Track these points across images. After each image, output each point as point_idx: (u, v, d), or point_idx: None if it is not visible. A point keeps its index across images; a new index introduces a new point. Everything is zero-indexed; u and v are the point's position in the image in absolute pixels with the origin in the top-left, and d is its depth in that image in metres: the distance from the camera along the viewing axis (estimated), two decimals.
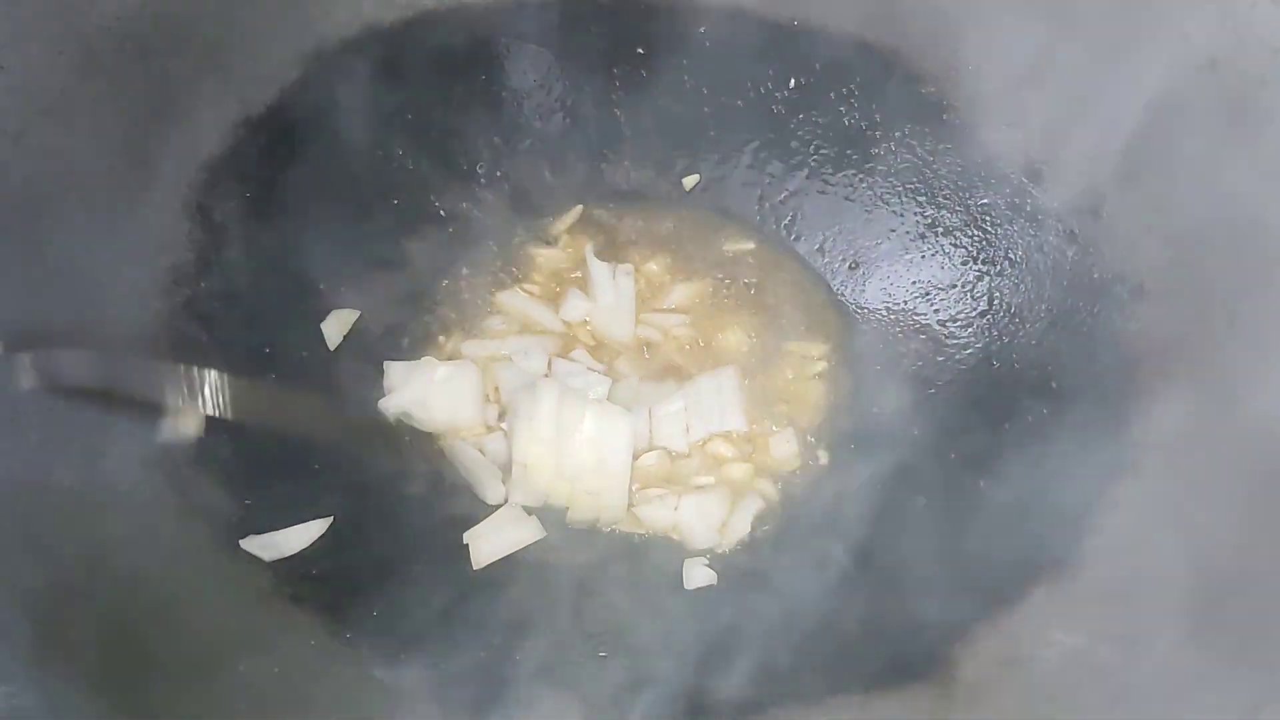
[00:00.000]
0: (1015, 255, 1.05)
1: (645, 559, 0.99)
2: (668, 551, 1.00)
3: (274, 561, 0.88)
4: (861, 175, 1.14)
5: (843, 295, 1.14)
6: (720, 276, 1.16)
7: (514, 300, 1.14)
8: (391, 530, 0.98)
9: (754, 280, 1.17)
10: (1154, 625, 0.78)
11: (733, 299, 1.15)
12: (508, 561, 0.97)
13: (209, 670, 0.80)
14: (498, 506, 1.01)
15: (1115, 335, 0.95)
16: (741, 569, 0.98)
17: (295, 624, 0.85)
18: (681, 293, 1.15)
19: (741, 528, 1.01)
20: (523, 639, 0.90)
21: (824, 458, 1.06)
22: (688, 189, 1.20)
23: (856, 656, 0.87)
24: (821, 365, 1.10)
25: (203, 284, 1.01)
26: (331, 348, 1.07)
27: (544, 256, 1.18)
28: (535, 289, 1.16)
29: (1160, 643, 0.76)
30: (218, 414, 0.89)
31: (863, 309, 1.13)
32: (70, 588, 0.79)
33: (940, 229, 1.10)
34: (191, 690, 0.78)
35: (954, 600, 0.86)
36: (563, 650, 0.90)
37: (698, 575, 0.97)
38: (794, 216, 1.18)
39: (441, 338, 1.12)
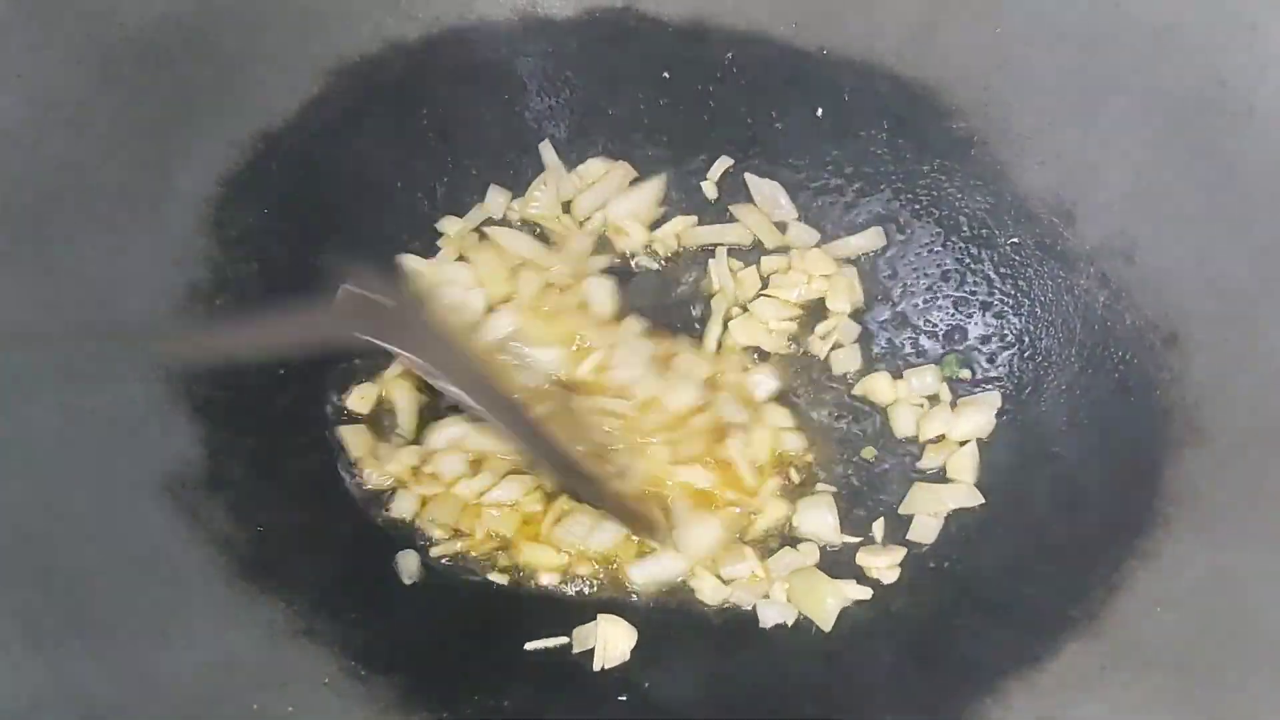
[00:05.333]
0: (1045, 297, 1.04)
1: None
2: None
3: (286, 595, 0.86)
4: (887, 209, 1.12)
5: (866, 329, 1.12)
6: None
7: None
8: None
9: None
10: (1193, 688, 0.76)
11: None
12: (533, 601, 0.95)
13: (223, 708, 0.78)
14: None
15: (1147, 385, 0.93)
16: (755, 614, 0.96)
17: (309, 660, 0.83)
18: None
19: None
20: (545, 681, 0.88)
21: None
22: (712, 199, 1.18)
23: (883, 712, 0.85)
24: None
25: (218, 302, 0.99)
26: None
27: None
28: None
29: (1204, 705, 0.75)
30: None
31: (884, 345, 1.11)
32: (81, 618, 0.77)
33: (968, 266, 1.08)
34: None
35: (984, 654, 0.85)
36: (588, 697, 0.88)
37: (771, 614, 0.95)
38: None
39: None
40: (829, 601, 0.94)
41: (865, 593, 0.94)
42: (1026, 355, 1.04)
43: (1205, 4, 0.93)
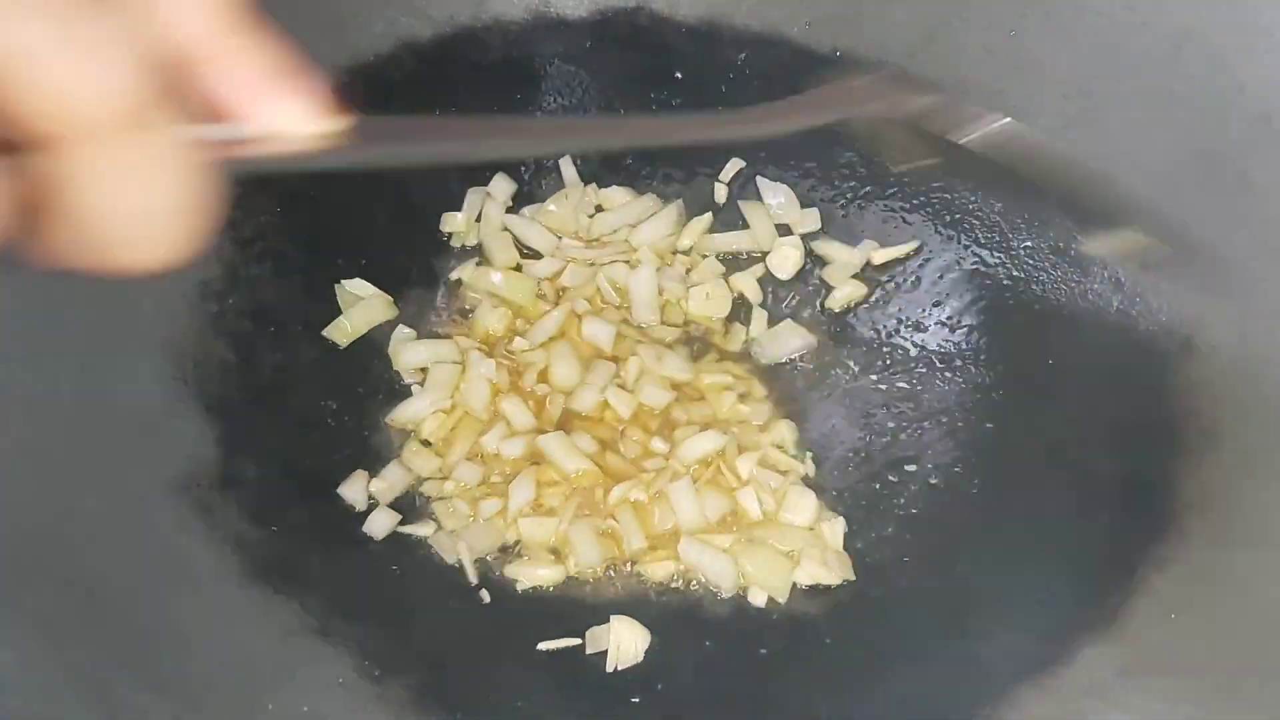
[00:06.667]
0: (1059, 302, 1.03)
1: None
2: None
3: (300, 596, 0.86)
4: (899, 211, 1.12)
5: (874, 333, 1.12)
6: None
7: None
8: (423, 561, 0.96)
9: None
10: (1210, 694, 0.77)
11: None
12: (547, 598, 0.96)
13: (237, 708, 0.78)
14: None
15: (1161, 390, 0.93)
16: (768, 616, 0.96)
17: (324, 660, 0.83)
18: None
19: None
20: (558, 682, 0.88)
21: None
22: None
23: (895, 717, 0.85)
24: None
25: (230, 300, 0.99)
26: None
27: None
28: None
29: (1221, 711, 0.75)
30: None
31: (892, 346, 1.11)
32: (96, 619, 0.77)
33: (981, 269, 1.08)
34: None
35: (996, 658, 0.85)
36: (602, 699, 0.88)
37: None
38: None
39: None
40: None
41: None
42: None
43: (1222, 9, 0.93)
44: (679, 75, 1.15)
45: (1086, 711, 0.79)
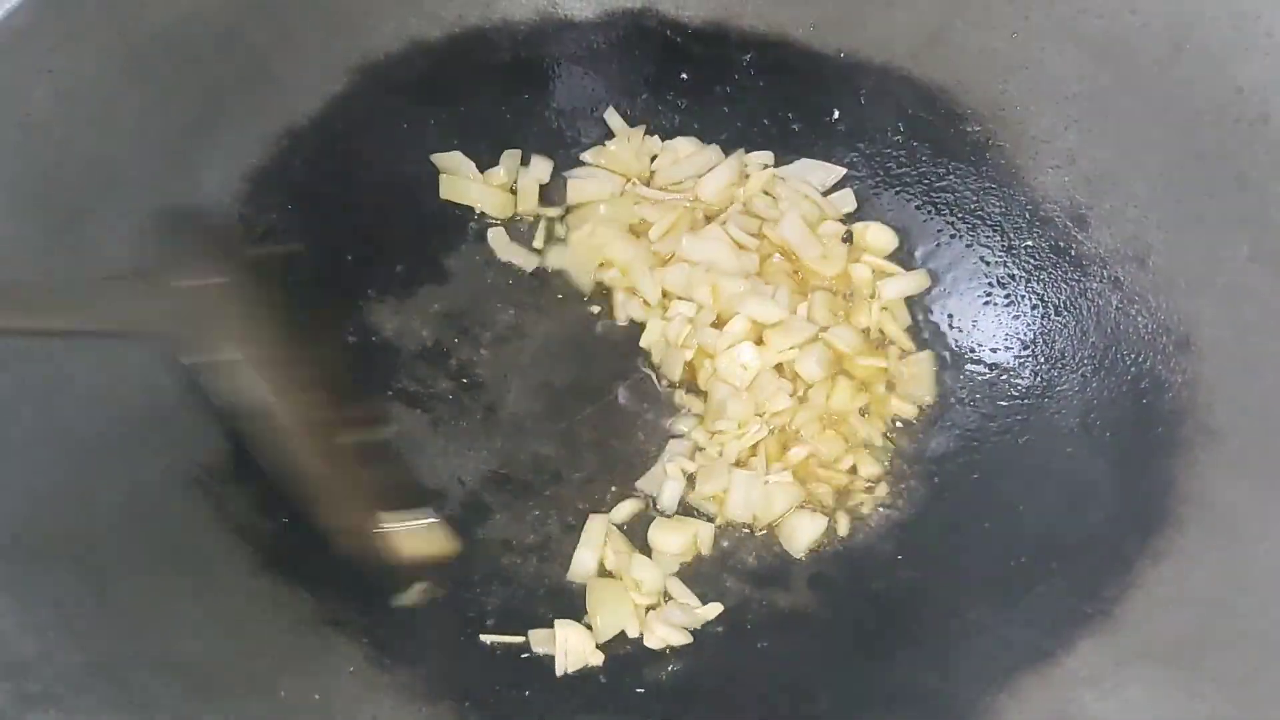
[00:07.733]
0: (1059, 300, 1.05)
1: None
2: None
3: (311, 587, 0.88)
4: (900, 210, 1.14)
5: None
6: None
7: None
8: None
9: None
10: (1206, 684, 0.78)
11: None
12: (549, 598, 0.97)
13: (250, 694, 0.79)
14: None
15: (1159, 387, 0.94)
16: (771, 608, 0.98)
17: (334, 650, 0.85)
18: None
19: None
20: (569, 675, 0.89)
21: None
22: None
23: (897, 706, 0.86)
24: None
25: None
26: None
27: None
28: None
29: (1217, 701, 0.76)
30: None
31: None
32: (112, 606, 0.78)
33: (981, 269, 1.09)
34: (232, 714, 0.78)
35: (997, 648, 0.86)
36: (607, 690, 0.89)
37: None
38: None
39: (483, 353, 1.10)
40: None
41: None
42: (1041, 358, 1.05)
43: (1222, 10, 0.93)
44: (685, 76, 1.17)
45: (1085, 701, 0.80)
